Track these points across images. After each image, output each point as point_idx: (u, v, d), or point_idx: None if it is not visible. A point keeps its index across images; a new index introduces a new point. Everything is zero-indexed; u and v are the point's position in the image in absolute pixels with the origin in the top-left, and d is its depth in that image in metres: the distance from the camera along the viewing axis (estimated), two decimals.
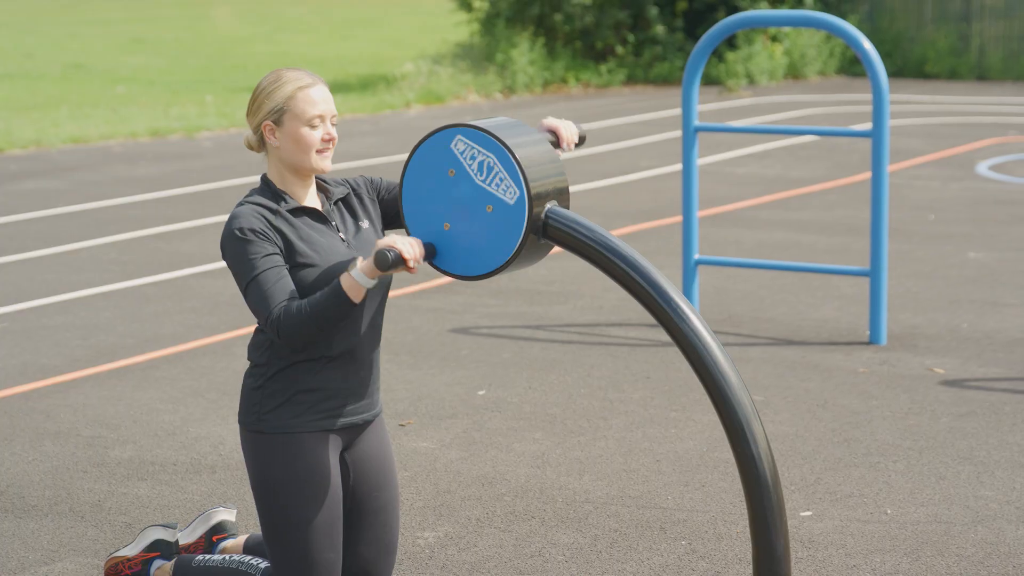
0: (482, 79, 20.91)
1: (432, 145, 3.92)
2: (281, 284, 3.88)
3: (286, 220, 3.98)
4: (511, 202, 3.85)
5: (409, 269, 3.81)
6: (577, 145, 4.25)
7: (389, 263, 3.77)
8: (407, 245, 3.80)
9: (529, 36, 22.20)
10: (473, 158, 3.88)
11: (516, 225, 3.86)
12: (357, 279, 3.81)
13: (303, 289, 3.93)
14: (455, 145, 3.89)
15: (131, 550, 4.59)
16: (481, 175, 3.87)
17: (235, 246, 3.92)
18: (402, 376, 7.22)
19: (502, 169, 3.85)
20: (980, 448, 6.05)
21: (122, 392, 7.03)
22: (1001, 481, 5.67)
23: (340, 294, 3.82)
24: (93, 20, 37.52)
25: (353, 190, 4.20)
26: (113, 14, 39.86)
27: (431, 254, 3.93)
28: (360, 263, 3.83)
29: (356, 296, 3.83)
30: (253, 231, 3.91)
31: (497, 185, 3.86)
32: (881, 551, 5.02)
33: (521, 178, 3.83)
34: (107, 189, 13.17)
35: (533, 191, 3.84)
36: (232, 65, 26.31)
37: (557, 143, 4.18)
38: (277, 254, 3.91)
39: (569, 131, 4.20)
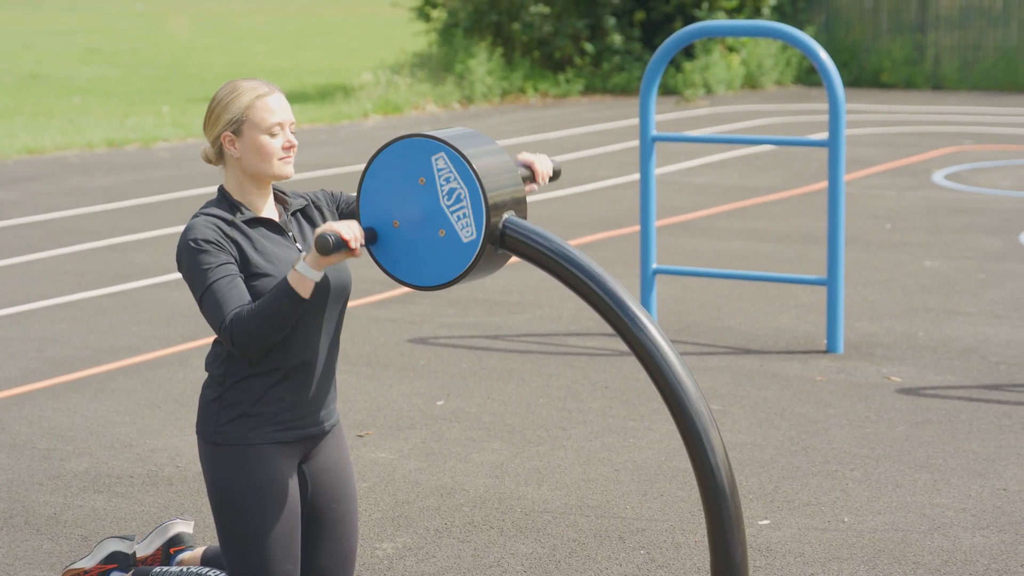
0: (440, 89, 20.91)
1: (413, 147, 3.89)
2: (235, 292, 3.87)
3: (241, 231, 3.96)
4: (464, 240, 3.84)
5: (352, 252, 3.79)
6: (552, 179, 4.26)
7: (330, 247, 3.74)
8: (345, 227, 3.78)
9: (487, 46, 22.22)
10: (447, 181, 3.86)
11: (463, 257, 3.85)
12: (303, 272, 3.80)
13: (259, 298, 3.92)
14: (436, 160, 3.87)
15: (88, 562, 4.56)
16: (448, 200, 3.85)
17: (190, 257, 3.90)
18: (360, 387, 7.20)
19: (470, 208, 3.84)
20: (936, 456, 6.08)
21: (78, 404, 6.98)
22: (957, 489, 5.70)
23: (288, 291, 3.80)
24: (48, 30, 37.33)
25: (312, 203, 4.19)
26: (68, 24, 39.66)
27: (371, 239, 3.90)
28: (304, 256, 3.81)
29: (304, 291, 3.81)
30: (207, 241, 3.89)
31: (459, 219, 3.85)
32: (839, 559, 5.04)
33: (484, 222, 3.82)
34: (62, 200, 13.09)
35: (491, 201, 3.84)
36: (189, 75, 26.22)
37: (532, 177, 4.19)
38: (231, 263, 3.90)
39: (544, 165, 4.21)
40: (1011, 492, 5.65)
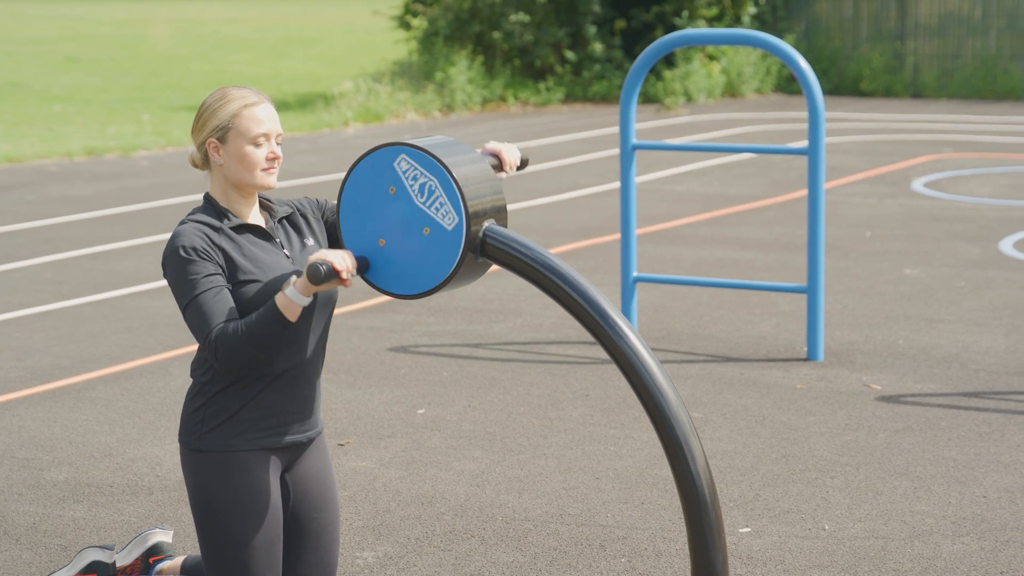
0: (421, 97, 20.91)
1: (374, 161, 3.91)
2: (220, 304, 3.86)
3: (228, 237, 3.95)
4: (449, 228, 3.85)
5: (343, 282, 3.79)
6: (519, 168, 4.27)
7: (321, 276, 3.75)
8: (339, 257, 3.78)
9: (468, 54, 22.23)
10: (415, 179, 3.87)
11: (453, 246, 3.85)
12: (291, 297, 3.80)
13: (246, 305, 3.91)
14: (399, 164, 3.88)
15: (67, 572, 4.55)
16: (422, 197, 3.86)
17: (176, 265, 3.89)
18: (341, 395, 7.19)
19: (443, 194, 3.85)
20: (916, 463, 6.09)
21: (58, 413, 6.96)
22: (937, 496, 5.71)
23: (275, 313, 3.80)
24: (28, 39, 37.25)
25: (298, 210, 4.19)
26: (48, 32, 39.59)
27: (364, 267, 3.92)
28: (294, 281, 3.81)
29: (291, 315, 3.81)
30: (195, 249, 3.88)
31: (436, 209, 3.85)
32: (819, 567, 5.05)
33: (460, 203, 3.83)
34: (42, 208, 13.06)
35: (471, 210, 3.84)
36: (169, 84, 26.18)
37: (500, 166, 4.20)
38: (218, 274, 3.89)
39: (511, 154, 4.22)
40: (991, 499, 5.66)
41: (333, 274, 3.77)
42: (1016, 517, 5.48)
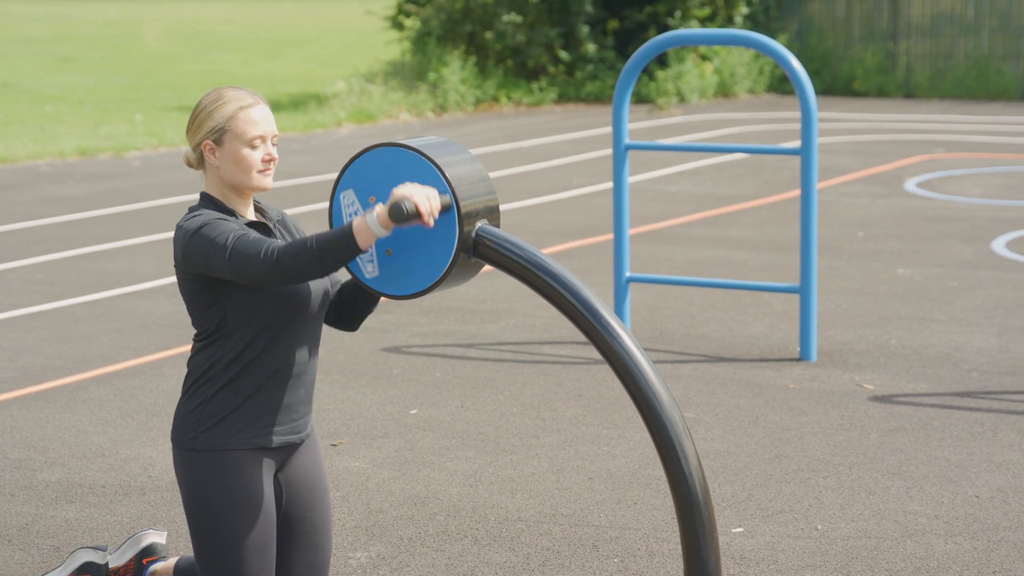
0: (414, 97, 20.90)
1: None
2: (262, 238, 3.81)
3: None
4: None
5: (424, 223, 3.76)
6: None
7: (404, 216, 3.67)
8: (424, 198, 3.73)
9: (460, 54, 22.22)
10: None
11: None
12: (371, 224, 3.73)
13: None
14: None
15: (60, 573, 4.54)
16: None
17: (204, 233, 3.82)
18: (334, 396, 7.19)
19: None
20: (909, 463, 6.10)
21: (50, 414, 6.96)
22: (930, 496, 5.71)
23: (349, 236, 3.74)
24: (20, 39, 37.21)
25: (286, 217, 4.18)
26: (40, 33, 39.54)
27: (447, 209, 3.85)
28: (377, 208, 3.78)
29: (364, 242, 3.74)
30: (221, 219, 3.87)
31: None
32: (812, 567, 5.05)
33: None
34: (34, 209, 13.05)
35: (464, 210, 3.84)
36: (161, 84, 26.16)
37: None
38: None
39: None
40: (983, 499, 5.67)
41: (415, 214, 3.71)
42: (1008, 517, 5.48)
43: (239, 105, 3.96)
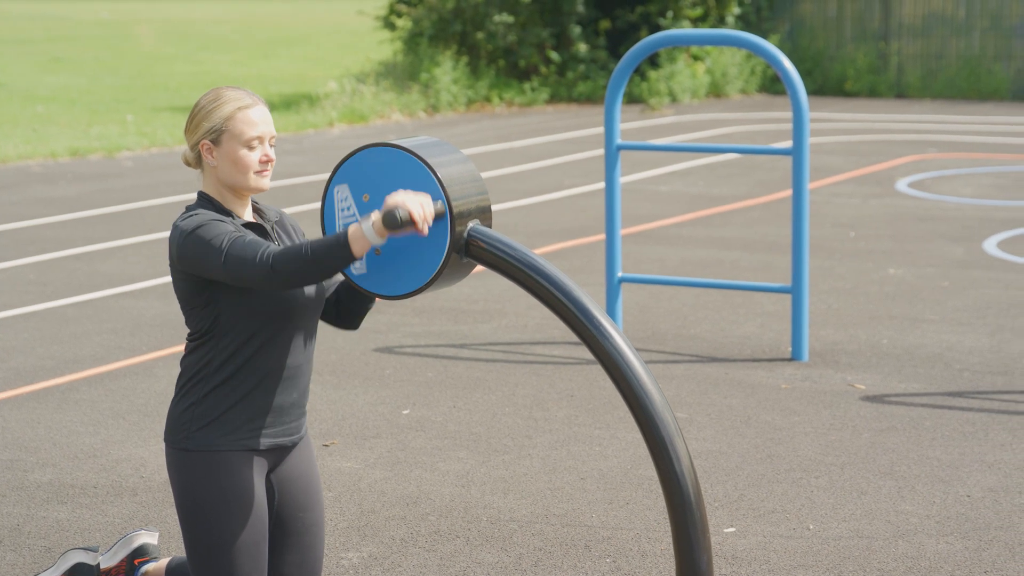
0: (406, 98, 20.90)
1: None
2: (259, 241, 3.81)
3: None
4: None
5: (419, 231, 3.76)
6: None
7: (398, 222, 3.68)
8: (417, 205, 3.73)
9: (452, 55, 22.22)
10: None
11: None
12: (366, 232, 3.74)
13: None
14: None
15: (51, 574, 4.54)
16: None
17: (200, 234, 3.82)
18: (326, 396, 7.19)
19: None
20: (901, 463, 6.10)
21: (41, 414, 6.95)
22: (921, 496, 5.72)
23: (343, 243, 3.74)
24: (11, 39, 37.16)
25: (284, 218, 4.17)
26: (32, 33, 39.49)
27: (440, 216, 3.86)
28: (373, 216, 3.78)
29: (358, 249, 3.74)
30: (217, 220, 3.87)
31: None
32: (804, 567, 5.05)
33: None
34: (25, 209, 13.03)
35: (455, 210, 3.84)
36: (153, 84, 26.14)
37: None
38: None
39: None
40: (975, 499, 5.68)
41: (409, 222, 3.71)
42: (1000, 516, 5.49)
43: (237, 106, 3.96)
